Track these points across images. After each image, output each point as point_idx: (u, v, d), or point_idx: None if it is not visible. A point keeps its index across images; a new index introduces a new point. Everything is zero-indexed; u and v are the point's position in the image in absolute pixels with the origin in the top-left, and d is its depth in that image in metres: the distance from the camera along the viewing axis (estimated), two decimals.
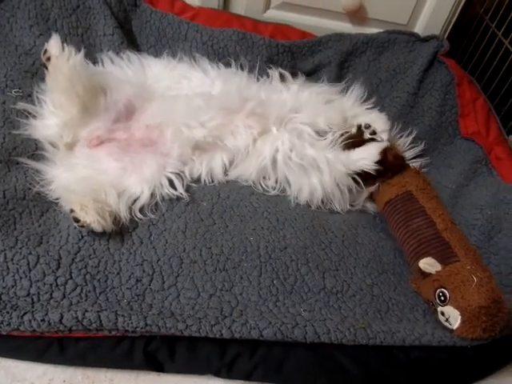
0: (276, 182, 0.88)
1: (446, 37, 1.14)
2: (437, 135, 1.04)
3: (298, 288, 0.71)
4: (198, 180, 0.86)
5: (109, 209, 0.71)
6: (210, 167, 0.86)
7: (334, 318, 0.68)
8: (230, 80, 0.92)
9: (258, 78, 0.98)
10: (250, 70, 0.98)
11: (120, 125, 0.81)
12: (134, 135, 0.82)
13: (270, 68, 0.99)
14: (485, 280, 0.67)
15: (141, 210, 0.75)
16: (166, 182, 0.80)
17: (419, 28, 1.15)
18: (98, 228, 0.68)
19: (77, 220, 0.67)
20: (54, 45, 0.74)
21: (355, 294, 0.72)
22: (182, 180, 0.83)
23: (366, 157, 0.85)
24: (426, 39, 1.08)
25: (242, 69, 0.98)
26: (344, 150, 0.87)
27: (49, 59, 0.74)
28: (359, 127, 0.91)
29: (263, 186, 0.88)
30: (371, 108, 0.99)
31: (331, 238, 0.80)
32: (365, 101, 1.00)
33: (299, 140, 0.85)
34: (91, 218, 0.67)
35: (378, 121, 0.94)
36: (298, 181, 0.85)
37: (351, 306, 0.71)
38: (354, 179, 0.86)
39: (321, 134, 0.89)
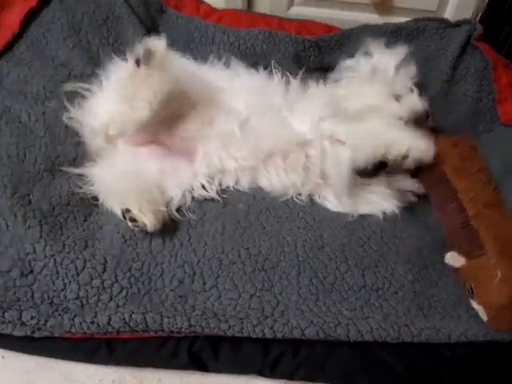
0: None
1: (477, 20, 1.10)
2: (474, 123, 1.00)
3: (338, 286, 0.70)
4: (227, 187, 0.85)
5: (161, 209, 0.71)
6: (237, 179, 0.84)
7: (376, 316, 0.67)
8: (264, 111, 0.84)
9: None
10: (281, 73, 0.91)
11: (164, 127, 0.80)
12: (175, 141, 0.81)
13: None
14: (510, 274, 0.64)
15: (179, 213, 0.76)
16: (199, 186, 0.80)
17: (449, 13, 1.12)
18: (151, 228, 0.68)
19: (133, 220, 0.68)
20: (160, 45, 0.70)
21: (397, 291, 0.71)
22: (215, 186, 0.82)
23: None
24: (458, 24, 1.04)
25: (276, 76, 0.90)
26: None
27: (147, 56, 0.69)
28: None
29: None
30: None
31: (369, 233, 0.78)
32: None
33: None
34: (149, 219, 0.67)
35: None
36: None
37: (393, 304, 0.69)
38: None
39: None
